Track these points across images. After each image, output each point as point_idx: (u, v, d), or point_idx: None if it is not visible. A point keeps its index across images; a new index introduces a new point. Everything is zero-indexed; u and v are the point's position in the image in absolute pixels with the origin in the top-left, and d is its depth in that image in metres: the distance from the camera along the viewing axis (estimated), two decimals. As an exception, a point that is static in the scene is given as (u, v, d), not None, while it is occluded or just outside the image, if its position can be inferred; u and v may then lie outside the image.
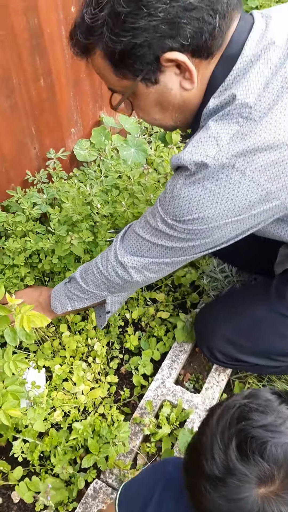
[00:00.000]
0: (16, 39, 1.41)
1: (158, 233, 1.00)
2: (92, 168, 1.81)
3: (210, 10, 0.82)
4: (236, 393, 0.78)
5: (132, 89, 0.92)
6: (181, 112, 0.97)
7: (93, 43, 0.88)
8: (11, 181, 1.66)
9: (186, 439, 1.32)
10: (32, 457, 1.31)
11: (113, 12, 0.82)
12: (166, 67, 0.87)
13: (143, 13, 0.80)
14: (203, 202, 0.88)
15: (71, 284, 1.30)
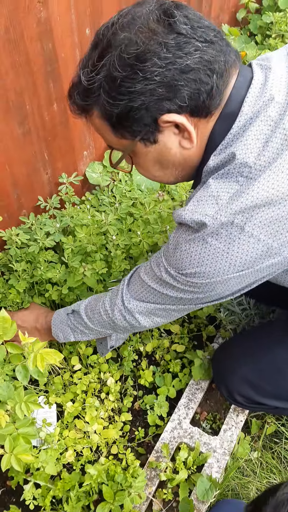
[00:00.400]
0: (31, 66, 1.36)
1: (163, 283, 1.00)
2: (105, 193, 1.76)
3: (207, 71, 0.81)
4: (281, 483, 0.73)
5: (131, 148, 0.92)
6: (182, 169, 0.96)
7: (90, 104, 0.88)
8: (22, 207, 1.61)
9: (205, 487, 1.26)
10: (44, 503, 1.26)
11: (110, 76, 0.82)
12: (165, 127, 0.86)
13: (139, 77, 0.79)
14: (204, 257, 0.87)
15: (75, 318, 1.29)
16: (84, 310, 1.26)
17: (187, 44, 0.78)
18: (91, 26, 1.56)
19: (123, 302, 1.13)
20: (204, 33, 0.80)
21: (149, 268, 1.05)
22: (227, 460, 1.34)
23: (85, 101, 0.88)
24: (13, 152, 1.44)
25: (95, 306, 1.24)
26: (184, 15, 0.80)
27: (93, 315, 1.24)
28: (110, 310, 1.17)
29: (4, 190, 1.49)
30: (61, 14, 1.41)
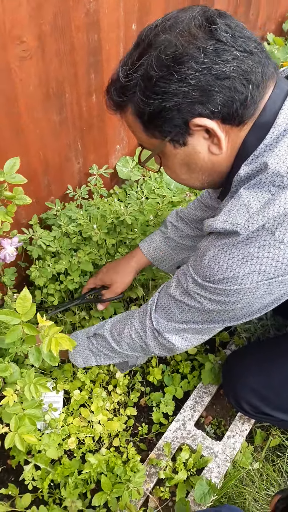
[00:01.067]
0: (74, 55, 1.38)
1: (190, 295, 0.98)
2: (134, 188, 1.77)
3: (243, 80, 0.81)
4: None
5: (160, 148, 0.92)
6: (208, 174, 0.96)
7: (126, 101, 0.90)
8: (51, 194, 1.63)
9: (203, 490, 1.26)
10: (42, 485, 1.28)
11: (146, 74, 0.83)
12: (195, 131, 0.86)
13: (174, 78, 0.80)
14: (233, 261, 0.85)
15: (98, 342, 1.26)
16: (110, 333, 1.23)
17: (226, 52, 0.79)
18: (138, 22, 1.57)
19: (153, 323, 1.11)
20: (245, 43, 0.81)
21: (176, 281, 1.04)
22: (227, 466, 1.33)
23: (120, 97, 0.90)
24: (48, 139, 1.46)
25: (123, 328, 1.20)
26: (226, 24, 0.81)
27: (121, 339, 1.20)
28: (142, 332, 1.14)
29: (35, 176, 1.51)
30: (109, 8, 1.43)
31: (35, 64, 1.27)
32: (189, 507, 1.25)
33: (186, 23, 0.81)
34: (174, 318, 1.05)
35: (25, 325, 1.09)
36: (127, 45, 1.57)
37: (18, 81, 1.25)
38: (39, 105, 1.35)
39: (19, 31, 1.17)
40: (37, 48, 1.25)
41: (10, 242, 1.16)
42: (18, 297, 1.07)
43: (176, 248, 1.42)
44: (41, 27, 1.23)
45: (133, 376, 1.55)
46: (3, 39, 1.14)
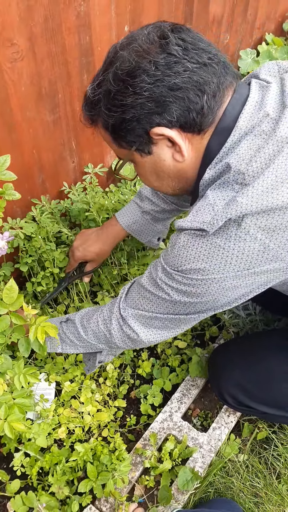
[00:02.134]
0: (66, 56, 1.42)
1: (158, 285, 1.01)
2: (128, 187, 1.81)
3: (196, 90, 0.85)
4: None
5: (129, 157, 0.99)
6: (178, 181, 1.01)
7: (95, 115, 0.97)
8: (46, 191, 1.67)
9: (186, 477, 1.29)
10: (31, 472, 1.32)
11: (106, 89, 0.90)
12: (158, 139, 0.92)
13: (129, 91, 0.86)
14: (201, 251, 0.89)
15: (68, 327, 1.28)
16: (80, 320, 1.26)
17: (177, 64, 0.84)
18: (131, 23, 1.61)
19: (120, 310, 1.14)
20: (197, 55, 0.85)
21: (148, 272, 1.07)
22: (212, 457, 1.36)
23: (90, 111, 0.97)
24: (41, 138, 1.51)
25: (92, 315, 1.23)
26: (179, 38, 0.85)
27: (88, 325, 1.23)
28: (108, 319, 1.17)
29: (30, 174, 1.55)
30: (101, 10, 1.46)
31: (27, 65, 1.31)
32: (171, 494, 1.28)
33: (140, 40, 0.87)
34: (141, 307, 1.08)
35: (12, 315, 1.13)
36: (119, 46, 1.61)
37: (10, 82, 1.29)
38: (32, 105, 1.40)
39: (9, 33, 1.22)
40: (28, 49, 1.29)
41: (1, 236, 1.21)
42: (4, 288, 1.12)
43: (153, 220, 1.49)
44: (31, 29, 1.27)
45: (123, 369, 1.59)
46: (-6, 42, 1.19)
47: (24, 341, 1.21)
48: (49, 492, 1.31)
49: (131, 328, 1.12)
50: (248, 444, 1.46)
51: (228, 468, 1.41)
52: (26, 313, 1.13)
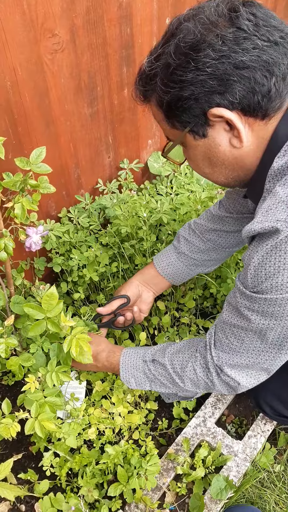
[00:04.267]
0: (106, 49, 1.39)
1: (240, 312, 0.92)
2: (164, 183, 1.77)
3: (264, 71, 0.78)
4: None
5: (181, 139, 0.92)
6: (232, 169, 0.92)
7: (149, 91, 0.90)
8: (81, 187, 1.65)
9: (220, 486, 1.24)
10: (60, 473, 1.29)
11: (166, 63, 0.83)
12: (215, 122, 0.85)
13: (191, 66, 0.79)
14: (279, 265, 0.79)
15: (156, 369, 1.18)
16: (171, 365, 1.14)
17: (246, 40, 0.77)
18: (172, 15, 1.57)
19: (213, 358, 1.04)
20: (269, 32, 0.78)
21: (226, 304, 0.99)
22: (247, 466, 1.30)
23: (145, 87, 0.90)
24: (79, 132, 1.48)
25: (186, 362, 1.11)
26: (250, 12, 0.78)
27: (183, 373, 1.11)
28: (207, 368, 1.06)
29: (65, 168, 1.53)
30: (143, 1, 1.43)
31: (67, 57, 1.29)
32: (203, 503, 1.23)
33: (208, 12, 0.80)
34: (233, 347, 0.99)
35: (49, 321, 1.10)
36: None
37: (49, 73, 1.27)
38: (71, 98, 1.37)
39: (51, 24, 1.20)
40: (69, 41, 1.27)
41: (36, 230, 1.18)
42: (44, 294, 1.09)
43: (189, 264, 1.39)
44: (73, 20, 1.25)
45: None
46: (35, 32, 1.17)
47: (57, 348, 1.18)
48: (78, 495, 1.28)
49: (230, 377, 1.02)
50: (285, 455, 1.39)
51: (263, 478, 1.36)
52: (63, 324, 1.09)
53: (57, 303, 1.09)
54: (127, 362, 1.23)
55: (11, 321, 1.17)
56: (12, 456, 1.27)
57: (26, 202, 1.10)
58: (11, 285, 1.29)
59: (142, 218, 1.50)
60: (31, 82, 1.23)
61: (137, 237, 1.56)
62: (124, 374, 1.23)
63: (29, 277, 1.59)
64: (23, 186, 1.10)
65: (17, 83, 1.20)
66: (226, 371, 1.02)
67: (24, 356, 1.17)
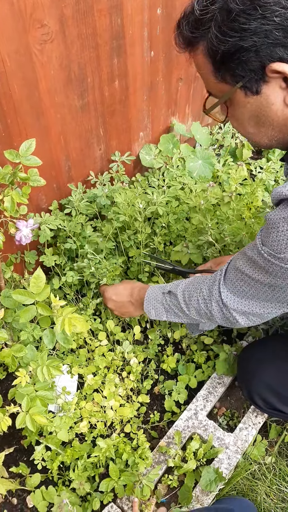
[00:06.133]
0: (97, 39, 1.37)
1: (255, 266, 0.94)
2: (156, 176, 1.76)
3: None
4: None
5: (230, 95, 0.84)
6: (279, 131, 0.86)
7: (198, 37, 0.82)
8: (72, 180, 1.63)
9: (210, 478, 1.25)
10: (52, 466, 1.29)
11: (225, 7, 0.74)
12: (272, 78, 0.78)
13: (257, 14, 0.72)
14: None
15: (171, 299, 1.26)
16: (182, 294, 1.22)
17: None
18: (164, 5, 1.55)
19: (221, 294, 1.08)
20: None
21: (243, 253, 0.99)
22: (238, 458, 1.31)
23: (193, 32, 0.81)
24: (69, 124, 1.47)
25: (193, 292, 1.19)
26: None
27: (190, 302, 1.19)
28: (209, 300, 1.12)
29: (56, 161, 1.51)
30: (133, -10, 1.41)
31: (56, 47, 1.27)
32: (191, 494, 1.23)
33: None
34: (241, 291, 1.02)
35: (39, 305, 1.10)
36: (151, 29, 1.55)
37: (39, 64, 1.25)
38: (60, 89, 1.36)
39: (40, 14, 1.17)
40: (59, 31, 1.25)
41: (26, 224, 1.17)
42: (32, 277, 1.08)
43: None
44: (62, 10, 1.22)
45: (147, 364, 1.55)
46: (24, 23, 1.15)
47: (49, 332, 1.18)
48: (70, 488, 1.28)
49: (232, 315, 1.08)
50: (276, 447, 1.40)
51: (254, 470, 1.36)
52: (53, 304, 1.09)
53: (45, 287, 1.09)
54: (150, 294, 1.33)
55: (1, 315, 1.16)
56: (4, 450, 1.27)
57: (16, 195, 1.09)
58: (1, 279, 1.28)
59: (138, 209, 1.49)
60: (20, 73, 1.21)
61: (133, 229, 1.56)
62: (146, 305, 1.33)
63: (20, 271, 1.58)
64: (12, 179, 1.09)
65: (6, 74, 1.18)
66: (230, 309, 1.07)
67: (16, 347, 1.16)
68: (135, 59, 1.56)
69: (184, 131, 1.93)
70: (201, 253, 1.50)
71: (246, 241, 1.44)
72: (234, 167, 1.80)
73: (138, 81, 1.63)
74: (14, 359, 1.17)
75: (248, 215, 1.48)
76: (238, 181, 1.54)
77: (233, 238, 1.45)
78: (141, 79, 1.65)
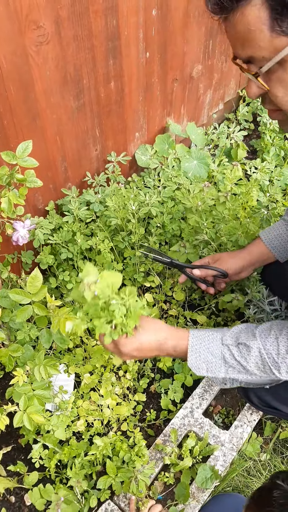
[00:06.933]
0: (92, 41, 1.38)
1: None
2: (152, 176, 1.77)
3: None
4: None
5: (287, 52, 0.71)
6: None
7: None
8: (68, 180, 1.64)
9: (205, 475, 1.26)
10: (49, 464, 1.30)
11: None
12: None
13: None
14: None
15: (241, 354, 1.02)
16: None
17: None
18: (159, 6, 1.56)
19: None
20: None
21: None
22: (234, 456, 1.33)
23: None
24: (65, 125, 1.48)
25: (251, 348, 0.99)
26: None
27: (249, 356, 1.00)
28: (274, 362, 0.97)
29: (52, 161, 1.52)
30: (128, -8, 1.42)
31: (52, 49, 1.28)
32: (188, 492, 1.25)
33: None
34: None
35: (36, 305, 1.11)
36: (147, 31, 1.56)
37: (35, 66, 1.26)
38: (56, 90, 1.37)
39: (36, 15, 1.18)
40: (54, 33, 1.26)
41: (23, 224, 1.18)
42: (29, 277, 1.09)
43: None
44: (58, 11, 1.23)
45: (144, 363, 1.56)
46: (20, 24, 1.16)
47: (46, 332, 1.18)
48: (67, 486, 1.29)
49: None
50: (271, 444, 1.42)
51: (249, 467, 1.38)
52: (49, 304, 1.10)
53: (42, 287, 1.10)
54: (198, 345, 1.05)
55: (-2, 315, 1.17)
56: (1, 449, 1.28)
57: (13, 196, 1.10)
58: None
59: (131, 211, 1.50)
60: (16, 74, 1.22)
61: (126, 230, 1.57)
62: (192, 360, 1.05)
63: (16, 271, 1.59)
64: (9, 180, 1.10)
65: (2, 76, 1.19)
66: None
67: (13, 346, 1.17)
68: (131, 60, 1.57)
69: (180, 131, 1.94)
70: (197, 252, 1.51)
71: (241, 240, 1.46)
72: (229, 167, 1.81)
73: (133, 82, 1.64)
74: (11, 358, 1.18)
75: (243, 215, 1.50)
76: (233, 181, 1.56)
77: (229, 237, 1.46)
78: (137, 80, 1.66)
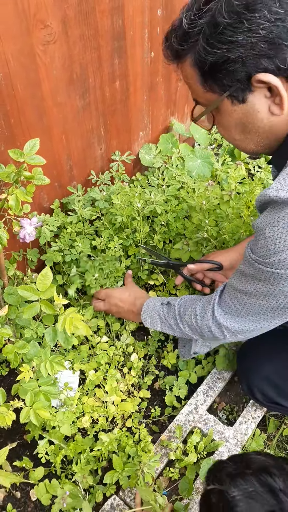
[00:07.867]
0: (98, 40, 1.40)
1: (247, 279, 0.97)
2: (156, 175, 1.78)
3: None
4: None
5: (217, 104, 0.88)
6: (265, 137, 0.91)
7: (186, 49, 0.86)
8: (73, 179, 1.65)
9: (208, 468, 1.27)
10: (55, 460, 1.31)
11: (213, 21, 0.78)
12: (257, 87, 0.82)
13: (243, 27, 0.76)
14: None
15: (168, 310, 1.32)
16: (178, 307, 1.29)
17: None
18: (164, 6, 1.57)
19: (214, 313, 1.13)
20: None
21: (236, 270, 1.03)
22: (238, 451, 1.34)
23: (181, 45, 0.85)
24: (70, 123, 1.49)
25: (188, 306, 1.26)
26: None
27: (184, 315, 1.26)
28: (200, 316, 1.19)
29: (58, 160, 1.53)
30: (134, -8, 1.43)
31: (59, 48, 1.29)
32: (192, 486, 1.26)
33: None
34: (234, 310, 1.07)
35: (43, 303, 1.11)
36: (152, 30, 1.57)
37: (42, 65, 1.27)
38: (63, 90, 1.38)
39: (43, 15, 1.19)
40: (61, 32, 1.27)
41: (30, 222, 1.19)
42: (39, 274, 1.10)
43: None
44: (65, 11, 1.24)
45: (148, 359, 1.57)
46: (28, 23, 1.17)
47: (52, 330, 1.19)
48: (72, 481, 1.30)
49: (223, 333, 1.13)
50: (275, 440, 1.43)
51: (253, 463, 1.39)
52: (56, 303, 1.11)
53: (51, 285, 1.11)
54: (149, 303, 1.39)
55: (4, 312, 1.18)
56: (7, 445, 1.29)
57: (20, 193, 1.11)
58: (5, 276, 1.30)
59: (136, 208, 1.51)
60: (23, 73, 1.23)
61: (131, 228, 1.58)
62: (143, 313, 1.39)
63: (22, 268, 1.60)
64: (17, 177, 1.11)
65: (9, 75, 1.20)
66: (222, 327, 1.11)
67: (19, 343, 1.18)
68: (136, 60, 1.58)
69: (183, 130, 1.96)
70: (200, 250, 1.52)
71: (244, 238, 1.47)
72: (233, 166, 1.83)
73: (138, 81, 1.66)
74: (17, 355, 1.19)
75: (246, 214, 1.51)
76: (237, 180, 1.57)
77: (232, 235, 1.47)
78: (141, 80, 1.67)
